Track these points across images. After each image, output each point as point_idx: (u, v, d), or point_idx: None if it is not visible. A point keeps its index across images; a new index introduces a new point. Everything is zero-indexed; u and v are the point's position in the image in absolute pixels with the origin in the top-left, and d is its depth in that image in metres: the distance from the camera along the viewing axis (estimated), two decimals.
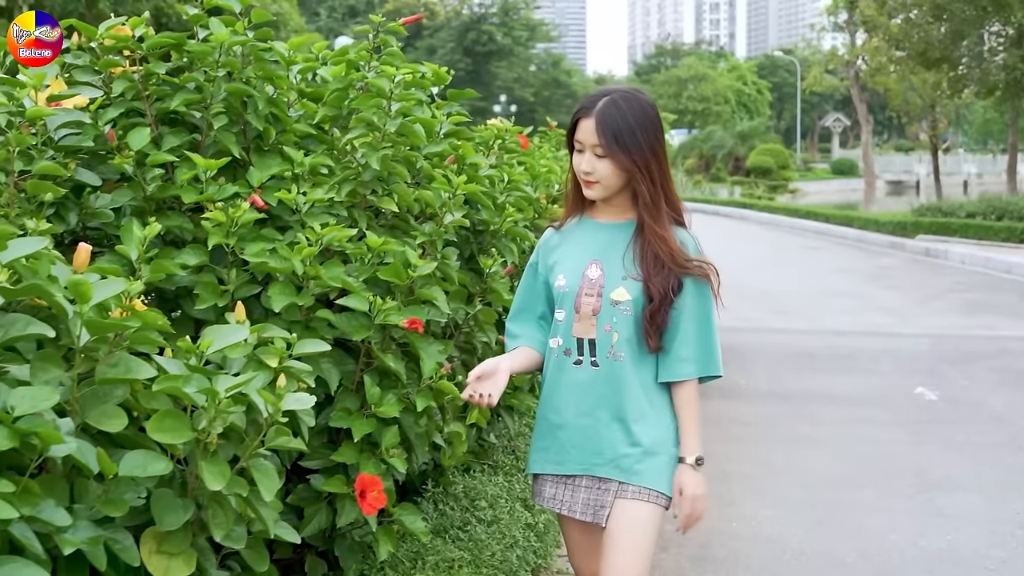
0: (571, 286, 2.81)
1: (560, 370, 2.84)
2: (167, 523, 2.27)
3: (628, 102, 2.73)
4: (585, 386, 2.79)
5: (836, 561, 4.85)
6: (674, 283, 2.74)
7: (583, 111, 2.75)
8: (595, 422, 2.78)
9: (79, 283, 2.19)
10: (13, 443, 1.92)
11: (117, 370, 2.29)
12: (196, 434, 2.27)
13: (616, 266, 2.78)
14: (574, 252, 2.87)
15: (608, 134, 2.68)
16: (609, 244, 2.83)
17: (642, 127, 2.72)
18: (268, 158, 3.35)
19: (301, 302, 2.95)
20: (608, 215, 2.88)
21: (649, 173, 2.73)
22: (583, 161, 2.75)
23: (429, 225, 3.41)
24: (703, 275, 2.79)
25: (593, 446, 2.79)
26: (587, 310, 2.78)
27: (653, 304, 2.73)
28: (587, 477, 2.81)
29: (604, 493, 2.79)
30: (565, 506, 2.85)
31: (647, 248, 2.76)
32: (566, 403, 2.82)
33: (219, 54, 3.26)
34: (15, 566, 1.91)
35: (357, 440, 2.94)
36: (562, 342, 2.83)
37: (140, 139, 3.11)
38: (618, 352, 2.76)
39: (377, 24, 3.49)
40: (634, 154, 2.70)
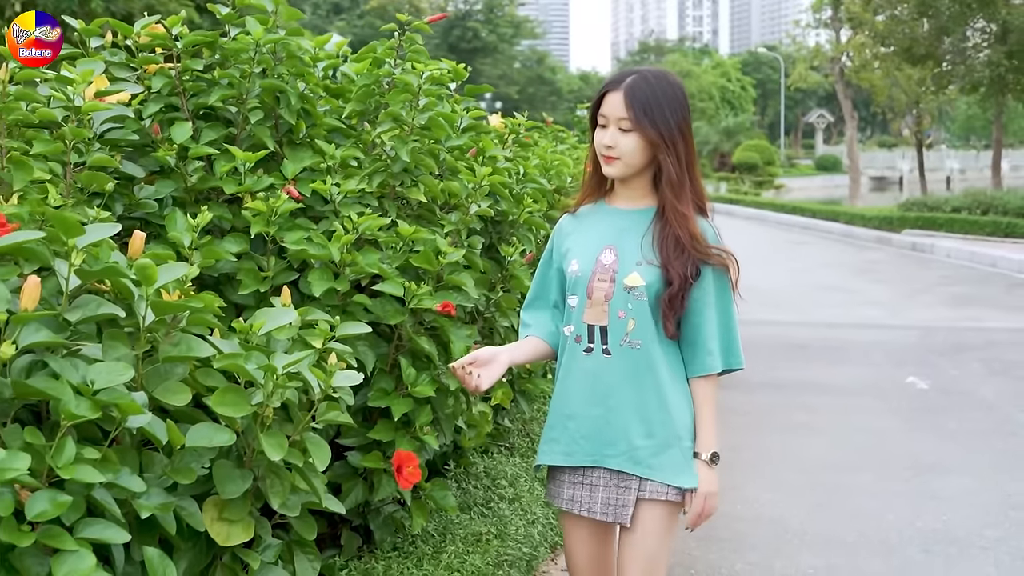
0: (584, 271, 2.71)
1: (572, 358, 2.75)
2: (228, 492, 2.42)
3: (658, 79, 2.65)
4: (595, 375, 2.69)
5: (837, 541, 5.02)
6: (693, 268, 2.64)
7: (611, 85, 2.67)
8: (606, 412, 2.68)
9: (146, 267, 2.34)
10: (95, 413, 2.06)
11: (179, 349, 2.43)
12: (254, 408, 2.42)
13: (631, 251, 2.68)
14: (588, 237, 2.77)
15: (636, 106, 2.59)
16: (626, 229, 2.72)
17: (671, 104, 2.63)
18: (300, 151, 3.50)
19: (339, 287, 3.10)
20: (626, 200, 2.77)
21: (675, 150, 2.64)
22: (606, 136, 2.65)
23: (455, 215, 3.56)
24: (723, 264, 2.69)
25: (604, 437, 2.69)
26: (599, 296, 2.68)
27: (672, 288, 2.62)
28: (602, 472, 2.71)
29: (625, 491, 2.69)
30: (584, 507, 2.73)
31: (667, 231, 2.65)
32: (576, 392, 2.73)
33: (254, 51, 3.39)
34: (99, 527, 2.05)
35: (396, 419, 3.08)
36: (573, 329, 2.74)
37: (182, 133, 3.25)
38: (635, 340, 2.66)
39: (403, 23, 3.63)
40: (661, 128, 2.60)
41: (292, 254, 3.13)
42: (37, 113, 2.81)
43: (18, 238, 2.16)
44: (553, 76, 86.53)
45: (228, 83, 3.46)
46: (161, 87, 3.42)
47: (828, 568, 4.68)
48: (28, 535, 1.91)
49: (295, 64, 3.53)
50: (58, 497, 1.96)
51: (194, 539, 2.47)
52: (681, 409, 2.71)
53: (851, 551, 4.89)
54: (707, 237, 2.70)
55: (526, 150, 4.64)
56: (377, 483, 3.14)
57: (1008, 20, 24.25)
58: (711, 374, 2.71)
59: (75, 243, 2.22)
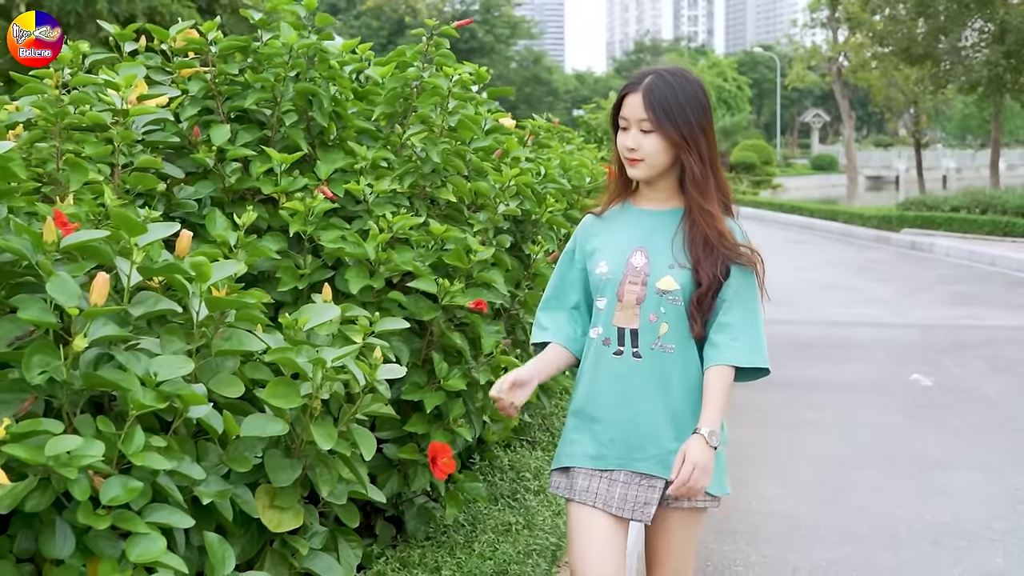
0: (614, 273, 2.67)
1: (599, 361, 2.70)
2: (280, 480, 2.52)
3: (676, 77, 2.63)
4: (625, 378, 2.65)
5: (848, 534, 5.12)
6: (722, 268, 2.62)
7: (630, 87, 2.65)
8: (636, 416, 2.64)
9: (201, 264, 2.44)
10: (160, 403, 2.16)
11: (230, 343, 2.54)
12: (304, 400, 2.52)
13: (662, 254, 2.66)
14: (617, 239, 2.73)
15: (655, 106, 2.57)
16: (654, 231, 2.70)
17: (691, 103, 2.61)
18: (332, 152, 3.59)
19: (375, 285, 3.20)
20: (652, 201, 2.75)
21: (698, 149, 2.61)
22: (628, 138, 2.63)
23: (483, 214, 3.66)
24: (750, 263, 2.66)
25: (633, 440, 2.65)
26: (630, 298, 2.64)
27: (701, 289, 2.61)
28: (624, 472, 2.66)
29: (650, 490, 2.64)
30: (600, 499, 2.65)
31: (696, 231, 2.63)
32: (605, 395, 2.68)
33: (288, 56, 3.49)
34: (164, 512, 2.15)
35: (428, 412, 3.18)
36: (602, 332, 2.69)
37: (221, 135, 3.35)
38: (667, 344, 2.63)
39: (432, 28, 3.72)
40: (682, 127, 2.58)
41: (328, 252, 3.23)
42: (87, 116, 2.90)
43: (85, 237, 2.25)
44: (550, 76, 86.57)
45: (262, 86, 3.56)
46: (198, 91, 3.51)
47: (841, 560, 4.78)
48: (104, 518, 2.01)
49: (327, 68, 3.63)
50: (129, 483, 2.06)
51: (246, 526, 2.57)
52: None
53: (863, 544, 4.99)
54: (735, 236, 2.68)
55: (545, 151, 4.75)
56: (412, 474, 3.25)
57: (1006, 20, 24.38)
58: (728, 365, 2.62)
59: (136, 241, 2.32)
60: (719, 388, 2.62)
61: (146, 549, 2.02)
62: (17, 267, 2.31)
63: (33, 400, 2.11)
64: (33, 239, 2.23)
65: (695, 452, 2.52)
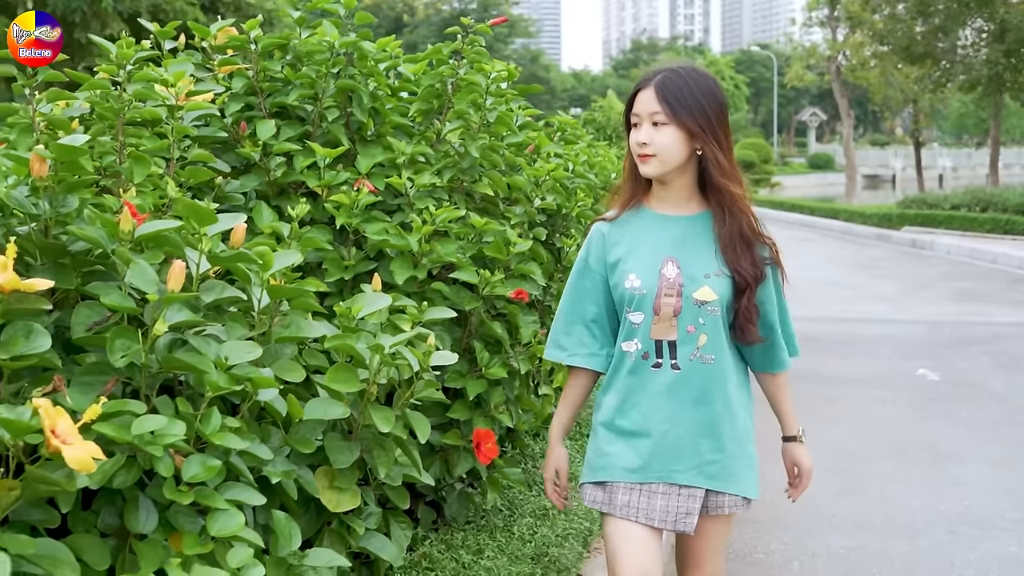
0: (648, 287, 2.61)
1: (637, 374, 2.65)
2: (339, 462, 2.61)
3: (688, 72, 2.60)
4: (666, 390, 2.62)
5: (864, 523, 5.22)
6: (760, 266, 2.62)
7: (642, 83, 2.62)
8: (674, 427, 2.62)
9: (264, 254, 2.54)
10: (232, 386, 2.26)
11: (290, 330, 2.63)
12: (362, 385, 2.61)
13: (696, 263, 2.61)
14: (643, 248, 2.66)
15: (670, 97, 2.53)
16: (683, 239, 2.65)
17: (704, 95, 2.57)
18: (371, 147, 3.69)
19: (419, 275, 3.29)
20: (670, 205, 2.69)
21: (716, 139, 2.57)
22: (640, 133, 2.58)
23: (518, 208, 3.76)
24: (776, 257, 2.69)
25: (673, 453, 2.63)
26: (667, 312, 2.59)
27: (750, 291, 2.60)
28: (663, 483, 2.64)
29: (690, 500, 2.64)
30: (642, 514, 2.63)
31: (732, 228, 2.61)
32: (644, 408, 2.64)
33: (331, 53, 3.58)
34: (237, 490, 2.24)
35: (471, 399, 3.28)
36: (640, 345, 2.64)
37: (267, 130, 3.45)
38: (706, 355, 2.61)
39: (467, 26, 3.81)
40: (698, 118, 2.54)
41: (373, 244, 3.33)
42: (144, 112, 2.99)
43: (158, 226, 2.35)
44: (547, 75, 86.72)
45: (302, 83, 3.65)
46: (241, 87, 3.60)
47: (859, 547, 4.88)
48: (188, 494, 2.10)
49: (366, 65, 3.72)
50: (208, 461, 2.15)
51: (306, 506, 2.67)
52: (745, 417, 2.74)
53: (879, 532, 5.09)
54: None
55: (572, 147, 4.85)
56: (455, 460, 3.34)
57: (1006, 19, 24.53)
58: (786, 371, 2.81)
59: (206, 231, 2.41)
60: (788, 393, 2.87)
61: (225, 524, 2.11)
62: (89, 256, 2.40)
63: (115, 382, 2.20)
64: (109, 229, 2.32)
65: (805, 459, 2.91)
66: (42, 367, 2.15)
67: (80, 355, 2.30)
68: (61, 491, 1.93)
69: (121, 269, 2.30)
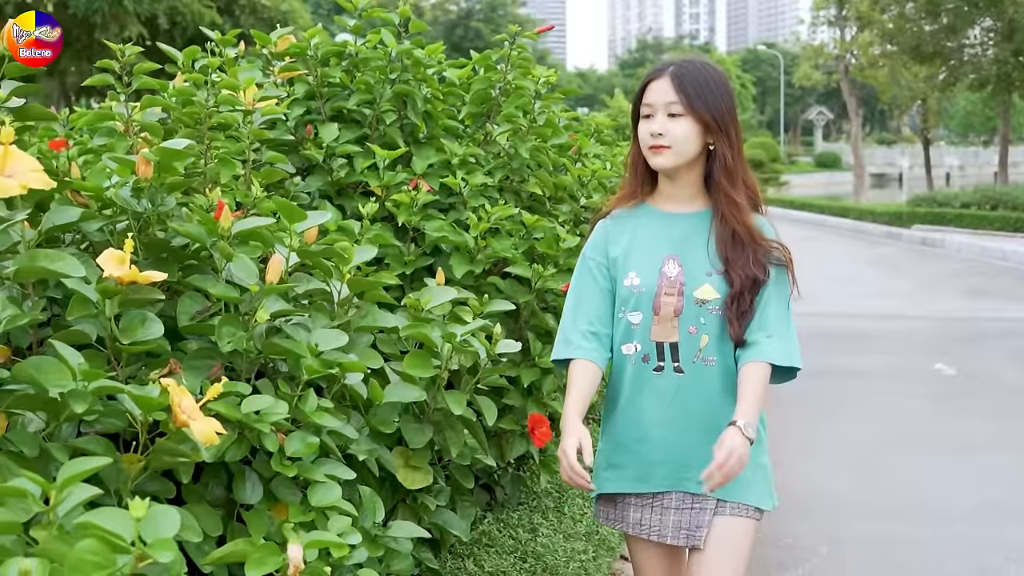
0: (648, 285, 2.53)
1: (638, 378, 2.56)
2: (415, 442, 2.81)
3: (702, 63, 2.55)
4: (669, 394, 2.53)
5: (889, 511, 5.41)
6: (758, 267, 2.48)
7: (655, 74, 2.54)
8: (681, 433, 2.53)
9: (345, 249, 2.73)
10: (324, 370, 2.45)
11: (367, 320, 2.83)
12: (436, 371, 2.81)
13: (698, 261, 2.53)
14: (645, 246, 2.59)
15: (688, 87, 2.46)
16: (686, 237, 2.56)
17: (719, 89, 2.50)
18: (425, 149, 3.88)
19: (476, 270, 3.49)
20: (676, 202, 2.61)
21: (728, 137, 2.50)
22: (654, 124, 2.49)
23: (565, 205, 3.95)
24: (783, 260, 2.55)
25: (681, 459, 2.53)
26: (668, 311, 2.51)
27: (734, 290, 2.48)
28: (676, 494, 2.55)
29: (700, 512, 2.54)
30: (654, 532, 2.57)
31: (725, 228, 2.52)
32: (648, 414, 2.55)
33: (389, 60, 3.77)
34: (331, 465, 2.43)
35: (525, 386, 3.47)
36: (640, 347, 2.55)
37: (330, 133, 3.64)
38: (708, 356, 2.51)
39: (514, 33, 4.01)
40: (714, 111, 2.47)
41: (431, 240, 3.52)
42: (222, 116, 3.19)
43: (254, 223, 2.54)
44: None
45: (359, 88, 3.85)
46: (303, 93, 3.80)
47: (884, 533, 5.06)
48: (292, 468, 2.30)
49: (420, 71, 3.91)
50: (308, 439, 2.35)
51: (381, 483, 2.86)
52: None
53: (904, 520, 5.27)
54: (764, 231, 2.55)
55: (609, 148, 5.05)
56: (509, 444, 3.53)
57: (1015, 18, 24.69)
58: (763, 361, 2.47)
59: (295, 227, 2.61)
60: (755, 382, 2.46)
61: (324, 496, 2.31)
62: (187, 250, 2.60)
63: (220, 366, 2.39)
64: (208, 225, 2.52)
65: (731, 440, 2.35)
66: (154, 352, 2.35)
67: (181, 342, 2.49)
68: (183, 463, 2.13)
69: (220, 263, 2.50)
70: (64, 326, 2.25)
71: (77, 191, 2.52)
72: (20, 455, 1.95)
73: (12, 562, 1.44)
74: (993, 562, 4.69)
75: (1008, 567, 4.64)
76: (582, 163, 4.16)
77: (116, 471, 2.05)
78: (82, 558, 1.46)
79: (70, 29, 20.66)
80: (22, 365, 1.92)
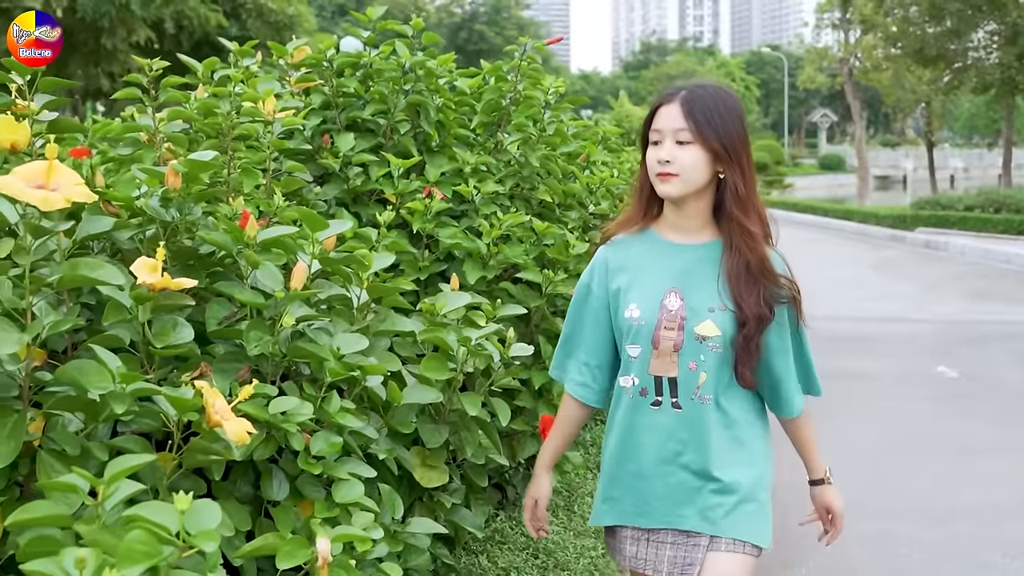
0: (647, 319, 2.47)
1: (636, 412, 2.51)
2: (431, 442, 2.92)
3: (715, 89, 2.47)
4: (666, 430, 2.47)
5: (891, 511, 5.50)
6: (767, 305, 2.44)
7: (665, 98, 2.46)
8: (678, 470, 2.48)
9: (366, 256, 2.84)
10: (346, 373, 2.55)
11: (385, 324, 2.93)
12: (452, 374, 2.91)
13: (701, 295, 2.46)
14: (646, 277, 2.52)
15: (698, 114, 2.39)
16: (690, 269, 2.49)
17: (731, 115, 2.43)
18: (438, 157, 3.99)
19: (488, 275, 3.60)
20: (682, 232, 2.53)
21: (740, 165, 2.43)
22: (662, 151, 2.41)
23: (574, 212, 4.06)
24: (793, 298, 2.50)
25: (678, 497, 2.49)
26: (667, 346, 2.45)
27: (747, 329, 2.42)
28: (671, 531, 2.51)
29: (694, 549, 2.49)
30: (649, 565, 2.53)
31: (738, 261, 2.44)
32: (645, 449, 2.51)
33: (402, 71, 3.89)
34: (353, 464, 2.54)
35: (536, 388, 3.58)
36: (638, 381, 2.50)
37: (347, 143, 3.75)
38: (705, 395, 2.45)
39: (524, 44, 4.12)
40: (724, 139, 2.39)
41: (446, 247, 3.63)
42: (243, 127, 3.30)
43: (279, 232, 2.65)
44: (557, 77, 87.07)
45: (373, 99, 3.96)
46: (319, 103, 3.91)
47: (887, 532, 5.16)
48: (317, 466, 2.40)
49: (432, 82, 4.03)
50: (331, 438, 2.46)
51: (399, 482, 2.97)
52: (758, 462, 2.54)
53: (906, 519, 5.37)
54: (775, 266, 2.49)
55: (616, 155, 5.16)
56: (520, 444, 3.64)
57: (1019, 22, 24.78)
58: (801, 415, 2.64)
59: (317, 235, 2.71)
60: (806, 434, 2.72)
61: (348, 492, 2.41)
62: (212, 257, 2.71)
63: (248, 369, 2.50)
64: (234, 234, 2.62)
65: (836, 500, 2.79)
66: (183, 356, 2.46)
67: (207, 346, 2.60)
68: (215, 461, 2.23)
69: (245, 270, 2.61)
70: (97, 331, 2.35)
71: (108, 201, 2.63)
72: (62, 453, 2.06)
73: (68, 551, 1.54)
74: (991, 559, 4.79)
75: (1007, 564, 4.75)
76: (590, 171, 4.27)
77: (152, 469, 2.15)
78: (132, 548, 1.56)
79: (78, 33, 20.81)
80: (65, 368, 2.02)
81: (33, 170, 2.05)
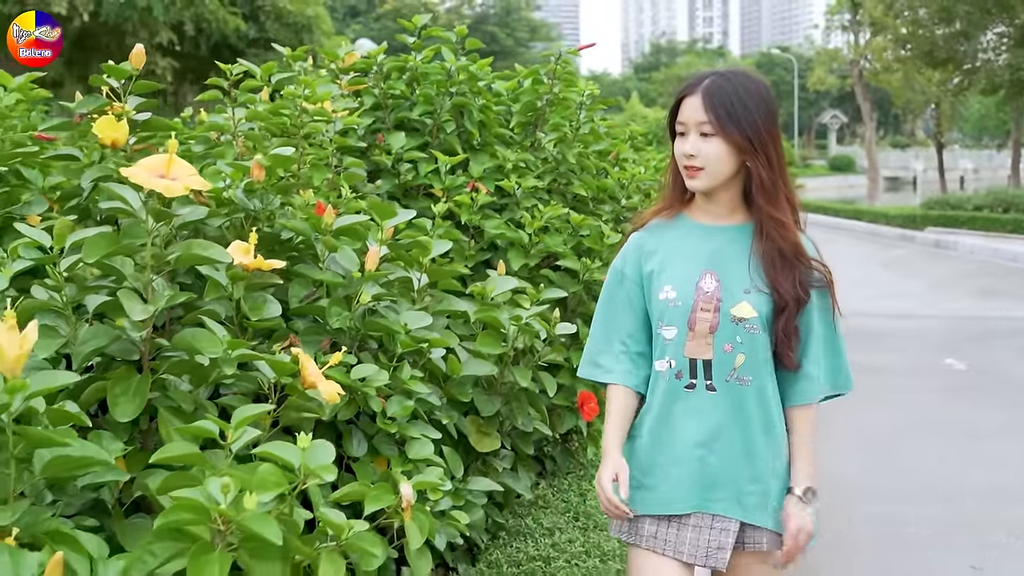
0: (683, 300, 2.42)
1: (671, 396, 2.45)
2: (486, 411, 3.22)
3: (737, 77, 2.42)
4: (699, 413, 2.42)
5: (898, 492, 5.79)
6: (803, 286, 2.41)
7: (687, 89, 2.42)
8: (710, 453, 2.42)
9: (426, 243, 3.15)
10: (415, 345, 2.87)
11: (442, 305, 3.24)
12: (505, 349, 3.22)
13: (736, 277, 2.43)
14: (680, 259, 2.48)
15: (717, 107, 2.35)
16: (723, 251, 2.47)
17: (755, 103, 2.38)
18: (480, 155, 4.30)
19: (531, 263, 3.90)
20: (713, 215, 2.51)
21: (765, 154, 2.38)
22: (687, 144, 2.39)
23: (607, 206, 4.37)
24: (825, 281, 2.48)
25: (709, 480, 2.42)
26: (703, 327, 2.40)
27: (788, 313, 2.41)
28: (696, 514, 2.44)
29: (723, 534, 2.43)
30: (670, 547, 2.45)
31: (770, 247, 2.42)
32: (679, 433, 2.44)
33: (448, 75, 4.20)
34: (421, 426, 2.84)
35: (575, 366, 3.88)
36: (674, 364, 2.45)
37: (398, 141, 4.06)
38: (743, 376, 2.41)
39: (559, 49, 4.43)
40: (747, 130, 2.35)
41: (490, 237, 3.94)
42: (309, 127, 3.60)
43: (352, 220, 2.96)
44: None
45: (420, 100, 4.27)
46: (371, 104, 4.22)
47: (894, 512, 5.44)
48: (392, 426, 2.71)
49: (475, 84, 4.33)
50: (404, 402, 2.77)
51: (455, 446, 3.28)
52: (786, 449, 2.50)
53: (913, 500, 5.65)
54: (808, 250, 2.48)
55: (642, 154, 5.47)
56: (560, 418, 3.95)
57: None
58: (810, 403, 2.49)
59: (386, 222, 3.02)
60: (806, 432, 2.50)
61: (420, 450, 2.72)
62: (291, 243, 3.01)
63: (329, 341, 2.81)
64: (312, 222, 2.93)
65: (793, 516, 2.41)
66: (271, 328, 2.77)
67: (288, 322, 2.90)
68: (307, 419, 2.54)
69: (322, 254, 2.91)
70: (194, 307, 2.66)
71: (199, 192, 2.94)
72: (178, 409, 2.37)
73: (213, 479, 1.84)
74: (996, 538, 5.07)
75: (1011, 543, 5.02)
76: (620, 168, 4.58)
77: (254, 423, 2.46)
78: (264, 478, 1.86)
79: (101, 36, 21.19)
80: (181, 335, 2.33)
81: (155, 162, 2.36)
